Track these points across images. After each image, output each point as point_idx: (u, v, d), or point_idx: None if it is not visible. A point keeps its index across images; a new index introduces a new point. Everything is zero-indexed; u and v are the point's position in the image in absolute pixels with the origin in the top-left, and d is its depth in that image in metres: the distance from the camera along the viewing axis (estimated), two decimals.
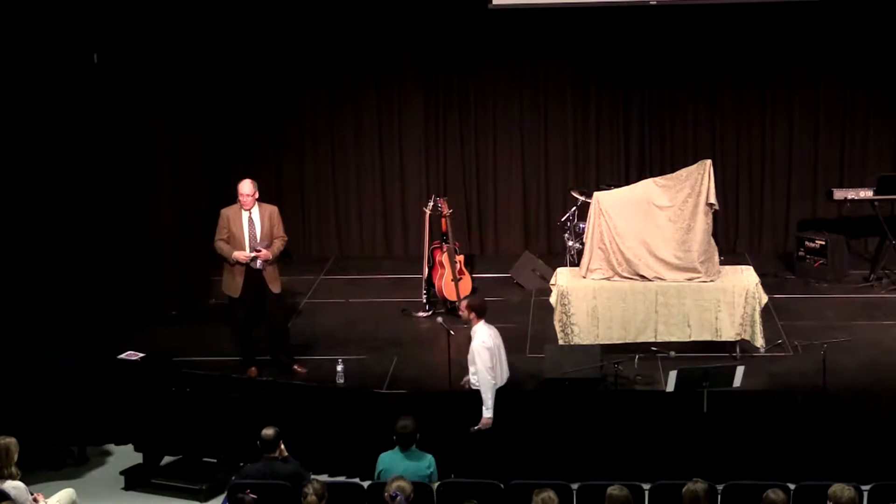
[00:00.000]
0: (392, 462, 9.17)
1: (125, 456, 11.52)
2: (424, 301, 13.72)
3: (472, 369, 10.48)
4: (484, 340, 10.36)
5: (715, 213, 12.09)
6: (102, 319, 13.23)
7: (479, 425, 10.39)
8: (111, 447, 11.80)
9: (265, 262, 11.54)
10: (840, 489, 7.81)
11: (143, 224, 13.87)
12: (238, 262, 11.49)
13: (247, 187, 11.58)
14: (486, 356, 10.31)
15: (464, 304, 10.69)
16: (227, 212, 11.62)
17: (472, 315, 10.49)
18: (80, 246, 13.50)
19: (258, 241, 11.54)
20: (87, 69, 13.38)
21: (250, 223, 11.56)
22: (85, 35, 13.31)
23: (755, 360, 11.71)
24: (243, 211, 11.56)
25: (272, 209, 11.73)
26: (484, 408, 10.36)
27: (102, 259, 13.64)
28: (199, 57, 14.48)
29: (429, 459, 9.27)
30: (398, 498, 8.10)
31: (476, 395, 10.40)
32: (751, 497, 8.37)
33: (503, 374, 10.61)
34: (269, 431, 9.18)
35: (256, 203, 11.61)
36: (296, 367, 11.92)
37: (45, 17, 12.99)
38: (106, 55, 13.44)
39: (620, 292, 11.85)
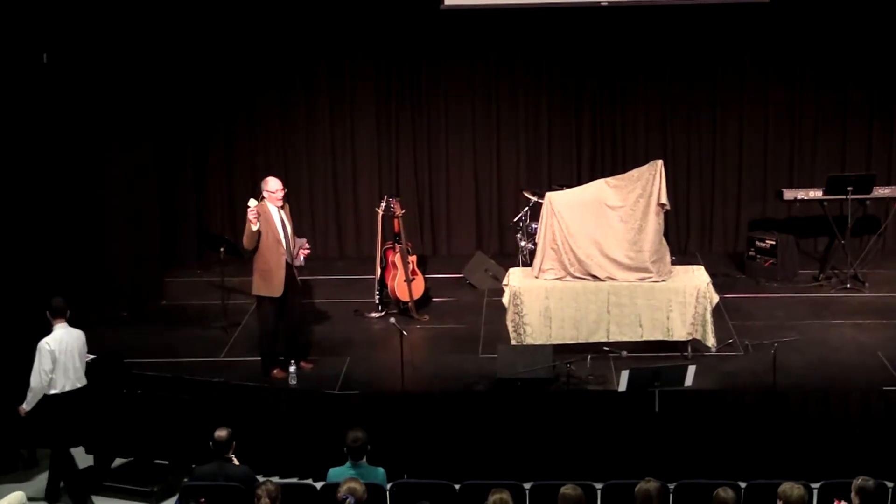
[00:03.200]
0: (342, 477, 9.02)
1: (76, 458, 11.42)
2: (377, 302, 13.70)
3: None
4: (49, 342, 10.26)
5: (666, 214, 12.16)
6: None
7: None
8: None
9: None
10: (789, 487, 7.86)
11: (93, 226, 13.77)
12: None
13: (277, 183, 11.70)
14: (46, 359, 10.21)
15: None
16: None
17: (48, 315, 10.36)
18: (30, 247, 13.38)
19: (293, 237, 11.75)
20: (36, 69, 13.26)
21: (282, 221, 11.67)
22: (34, 35, 13.19)
23: (706, 360, 11.78)
24: (272, 207, 11.62)
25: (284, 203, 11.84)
26: (25, 402, 10.35)
27: (53, 260, 13.53)
28: (150, 59, 14.37)
29: (380, 473, 9.11)
30: (348, 500, 8.07)
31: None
32: (702, 496, 8.40)
33: (69, 381, 10.41)
34: (221, 433, 9.12)
35: None
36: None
37: None
38: (56, 55, 13.33)
39: (573, 292, 11.88)
